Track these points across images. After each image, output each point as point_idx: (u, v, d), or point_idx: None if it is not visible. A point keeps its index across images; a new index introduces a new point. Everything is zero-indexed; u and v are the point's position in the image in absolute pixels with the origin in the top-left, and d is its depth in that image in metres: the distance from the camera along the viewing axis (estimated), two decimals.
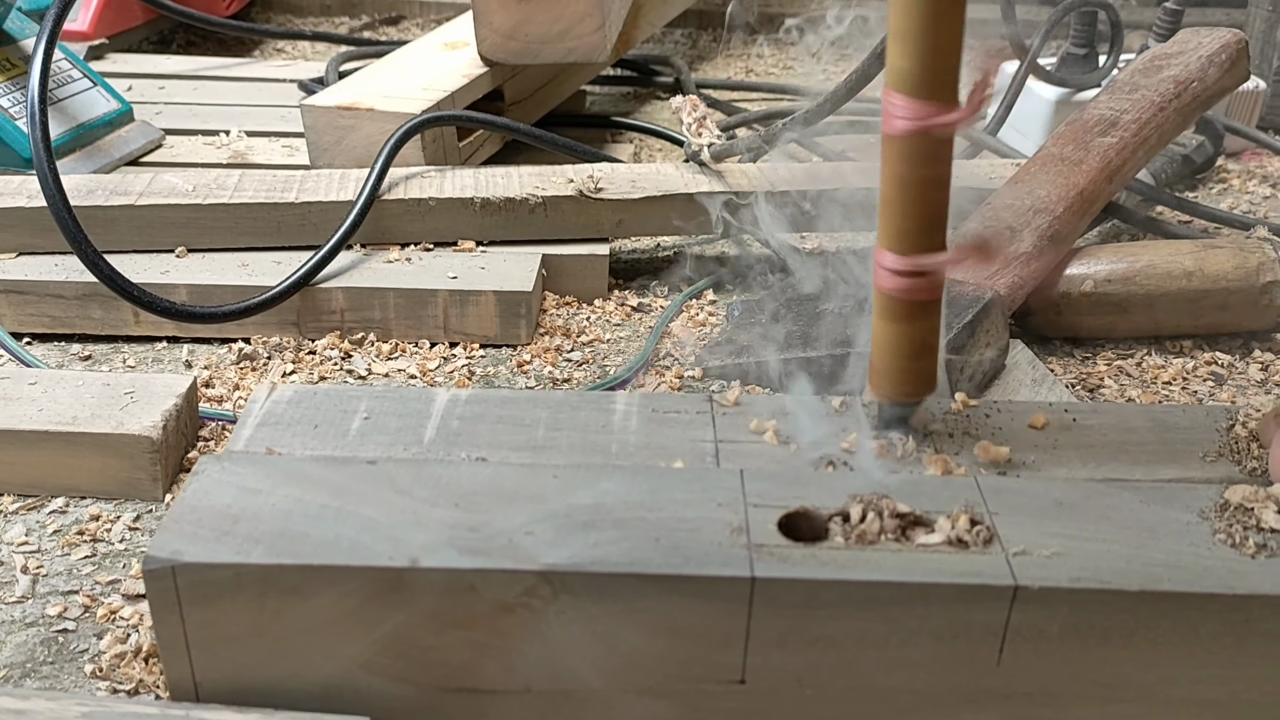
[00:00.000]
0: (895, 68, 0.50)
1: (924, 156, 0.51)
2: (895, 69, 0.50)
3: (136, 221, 0.87)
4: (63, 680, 0.54)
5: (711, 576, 0.45)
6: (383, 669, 0.48)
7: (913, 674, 0.47)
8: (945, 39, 0.49)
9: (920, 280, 0.53)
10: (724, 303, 0.92)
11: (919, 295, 0.54)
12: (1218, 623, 0.46)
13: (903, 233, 0.53)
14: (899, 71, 0.50)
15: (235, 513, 0.48)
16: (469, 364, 0.83)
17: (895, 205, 0.53)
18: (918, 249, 0.53)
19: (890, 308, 0.55)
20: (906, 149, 0.51)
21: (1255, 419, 0.58)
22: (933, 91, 0.50)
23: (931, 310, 0.55)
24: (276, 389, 0.60)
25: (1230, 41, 0.96)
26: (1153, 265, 0.83)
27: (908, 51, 0.50)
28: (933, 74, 0.50)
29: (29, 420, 0.66)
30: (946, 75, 0.50)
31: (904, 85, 0.50)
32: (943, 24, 0.49)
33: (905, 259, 0.53)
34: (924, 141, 0.51)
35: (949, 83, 0.50)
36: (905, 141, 0.51)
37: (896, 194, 0.52)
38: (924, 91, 0.50)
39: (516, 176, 0.93)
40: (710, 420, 0.58)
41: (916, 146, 0.51)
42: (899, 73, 0.50)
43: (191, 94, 1.31)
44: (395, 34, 1.81)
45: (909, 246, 0.53)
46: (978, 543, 0.47)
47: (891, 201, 0.53)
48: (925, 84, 0.50)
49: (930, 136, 0.50)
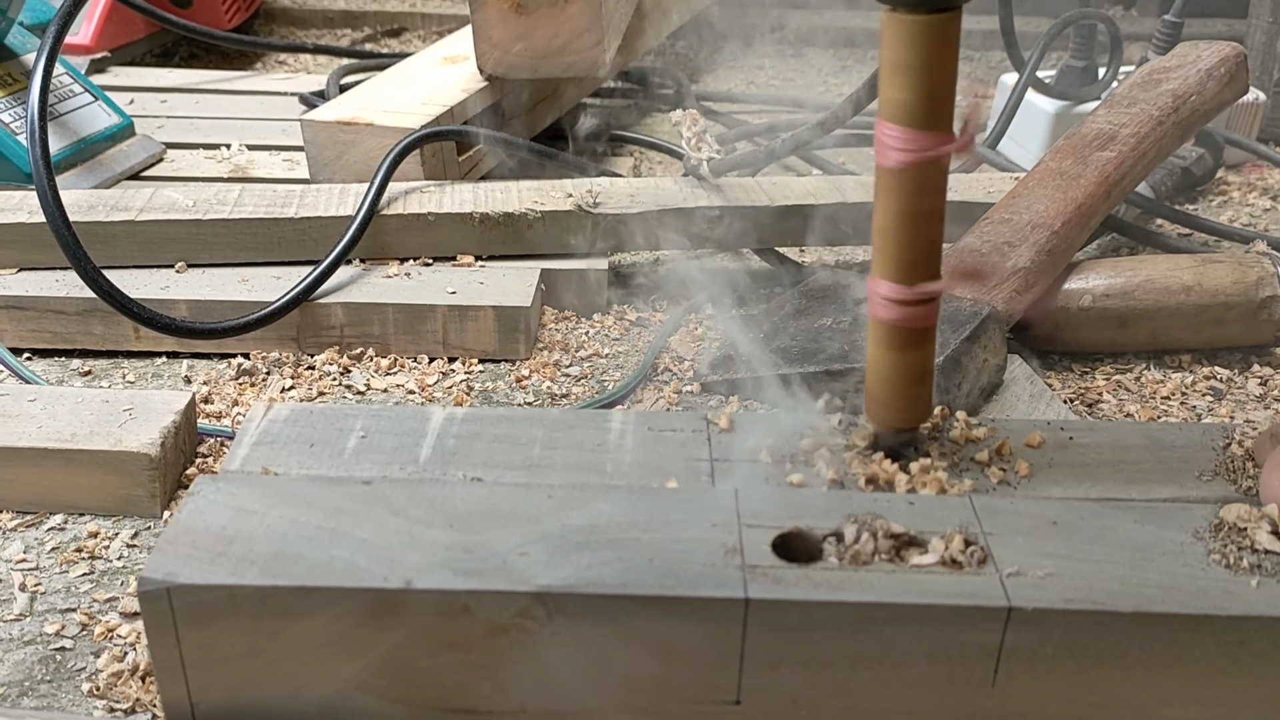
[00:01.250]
0: (891, 99, 0.50)
1: (920, 188, 0.51)
2: (891, 100, 0.50)
3: (137, 237, 0.87)
4: (60, 699, 0.54)
5: (705, 598, 0.45)
6: (378, 690, 0.48)
7: (907, 695, 0.47)
8: (943, 73, 0.49)
9: (917, 309, 0.54)
10: (723, 317, 0.92)
11: (916, 323, 0.54)
12: (1212, 644, 0.46)
13: (900, 263, 0.53)
14: (895, 103, 0.50)
15: (230, 534, 0.48)
16: (468, 379, 0.83)
17: (892, 236, 0.53)
18: (915, 279, 0.53)
19: (888, 336, 0.55)
20: (903, 181, 0.51)
21: (1251, 438, 0.58)
22: (930, 122, 0.50)
23: (927, 337, 0.55)
24: (273, 407, 0.60)
25: (1229, 55, 0.96)
26: (1151, 280, 0.83)
27: (905, 84, 0.49)
28: (931, 105, 0.50)
29: (28, 437, 0.66)
30: (943, 106, 0.50)
31: (901, 117, 0.50)
32: (944, 59, 0.49)
33: (903, 289, 0.53)
34: (920, 173, 0.51)
35: (945, 113, 0.50)
36: (902, 174, 0.51)
37: (893, 226, 0.52)
38: (921, 122, 0.50)
39: (515, 191, 0.94)
40: (706, 439, 0.58)
41: (913, 178, 0.51)
42: (895, 104, 0.50)
43: (193, 107, 1.31)
44: (397, 46, 1.82)
45: (906, 276, 0.53)
46: (972, 563, 0.47)
47: (888, 232, 0.53)
48: (923, 115, 0.50)
49: (926, 168, 0.51)
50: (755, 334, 0.82)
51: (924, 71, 0.49)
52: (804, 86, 1.61)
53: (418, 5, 1.95)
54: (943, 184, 0.52)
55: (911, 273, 0.53)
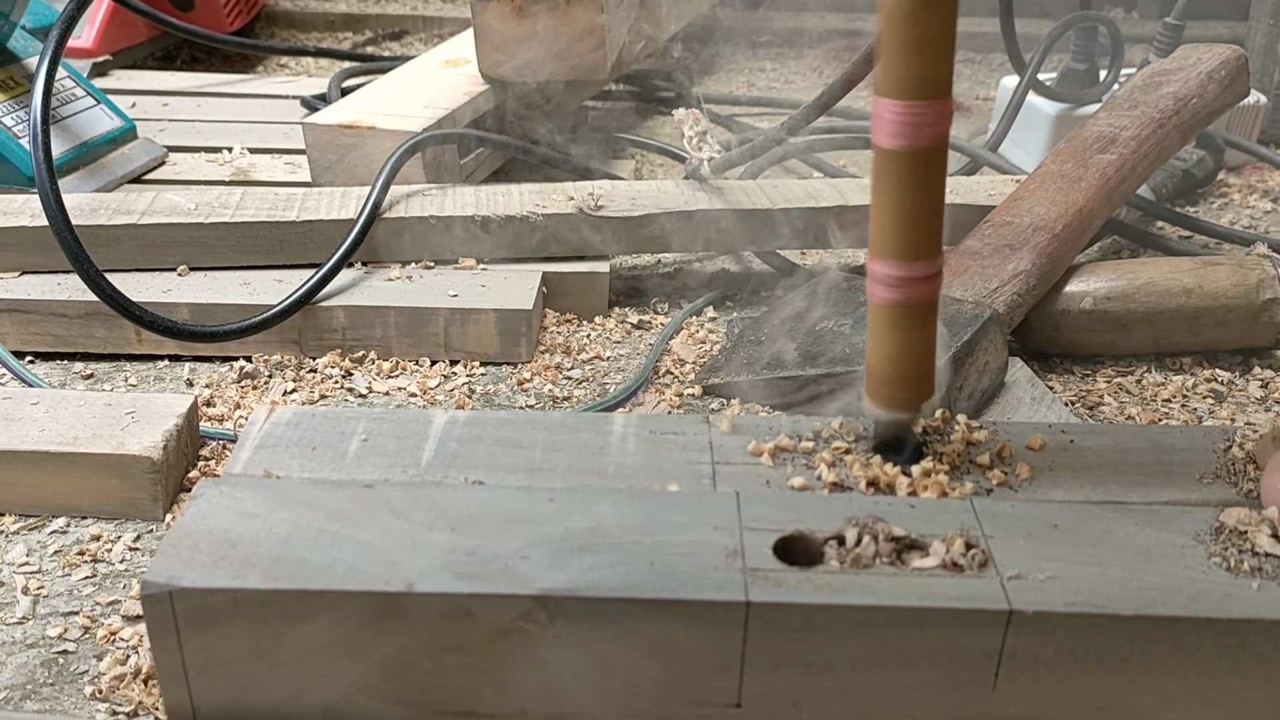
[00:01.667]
0: (891, 76, 0.50)
1: (920, 169, 0.51)
2: (893, 77, 0.50)
3: (139, 240, 0.87)
4: (63, 702, 0.54)
5: (706, 601, 0.45)
6: (380, 693, 0.48)
7: (909, 698, 0.47)
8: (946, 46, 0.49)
9: (917, 288, 0.53)
10: (724, 320, 0.92)
11: (917, 300, 0.54)
12: (1213, 647, 0.46)
13: (900, 241, 0.52)
14: (893, 78, 0.50)
15: (233, 537, 0.48)
16: (469, 382, 0.83)
17: (890, 216, 0.52)
18: (914, 255, 0.53)
19: (888, 318, 0.54)
20: (901, 163, 0.51)
21: (1252, 441, 0.58)
22: (934, 90, 0.49)
23: (929, 316, 0.55)
24: (275, 411, 0.60)
25: (1230, 58, 0.96)
26: (1152, 282, 0.84)
27: (907, 58, 0.49)
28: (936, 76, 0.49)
29: (31, 440, 0.66)
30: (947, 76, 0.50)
31: (904, 91, 0.50)
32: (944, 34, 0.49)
33: (902, 265, 0.53)
34: (920, 156, 0.50)
35: (947, 84, 0.50)
36: (900, 156, 0.50)
37: (893, 204, 0.52)
38: (927, 93, 0.49)
39: (517, 194, 0.94)
40: (708, 442, 0.58)
41: (912, 161, 0.51)
42: (892, 79, 0.50)
43: (195, 110, 1.31)
44: (398, 49, 1.82)
45: (904, 253, 0.53)
46: (973, 566, 0.47)
47: (886, 212, 0.52)
48: (931, 86, 0.49)
49: (926, 151, 0.50)
50: (757, 336, 0.82)
51: (931, 45, 0.48)
52: (805, 90, 1.62)
53: (419, 8, 1.95)
54: (941, 161, 0.51)
55: (909, 248, 0.52)
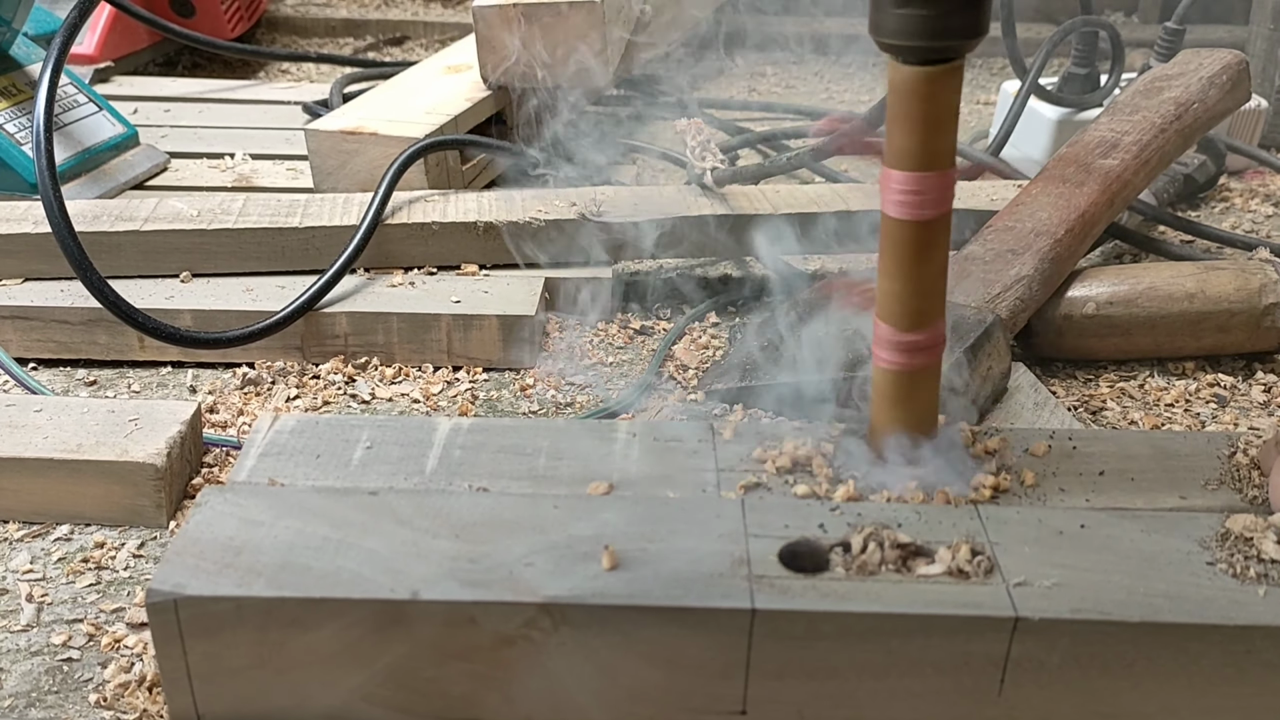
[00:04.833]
0: (897, 147, 0.50)
1: (926, 239, 0.51)
2: (897, 148, 0.50)
3: (141, 247, 0.88)
4: (67, 710, 0.54)
5: (712, 608, 0.45)
6: (384, 700, 0.48)
7: (914, 705, 0.47)
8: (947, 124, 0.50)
9: (922, 354, 0.54)
10: (727, 325, 0.92)
11: (920, 364, 0.54)
12: (1219, 654, 0.46)
13: (907, 311, 0.53)
14: (901, 151, 0.50)
15: (238, 545, 0.48)
16: (472, 388, 0.83)
17: (897, 285, 0.52)
18: (920, 324, 0.53)
19: (895, 383, 0.55)
20: (910, 233, 0.51)
21: (1256, 446, 0.58)
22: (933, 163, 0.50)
23: (933, 375, 0.55)
24: (279, 418, 0.60)
25: (1231, 63, 0.96)
26: (1154, 287, 0.84)
27: (908, 133, 0.50)
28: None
29: (34, 448, 0.66)
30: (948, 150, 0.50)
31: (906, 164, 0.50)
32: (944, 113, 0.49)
33: (909, 335, 0.53)
34: (927, 226, 0.51)
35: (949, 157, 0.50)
36: (909, 226, 0.51)
37: (898, 271, 0.52)
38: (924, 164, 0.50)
39: (519, 199, 0.94)
40: (712, 449, 0.58)
41: (919, 230, 0.51)
42: (900, 152, 0.50)
43: (197, 117, 1.31)
44: (400, 55, 1.82)
45: (912, 323, 0.53)
46: (978, 573, 0.47)
47: (894, 278, 0.52)
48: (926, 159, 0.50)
49: (932, 223, 0.51)
50: (760, 342, 0.82)
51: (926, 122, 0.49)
52: (805, 94, 1.62)
53: (420, 14, 1.95)
54: (946, 229, 0.52)
55: (915, 317, 0.53)
